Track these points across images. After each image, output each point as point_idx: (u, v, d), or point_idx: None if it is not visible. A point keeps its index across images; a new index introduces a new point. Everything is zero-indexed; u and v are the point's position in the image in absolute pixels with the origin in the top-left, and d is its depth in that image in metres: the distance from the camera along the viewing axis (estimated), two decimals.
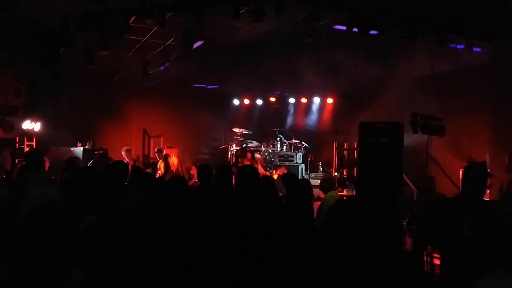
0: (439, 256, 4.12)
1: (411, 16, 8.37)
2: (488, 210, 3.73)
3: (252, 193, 4.61)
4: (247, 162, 9.06)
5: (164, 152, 9.43)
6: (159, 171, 9.52)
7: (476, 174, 3.71)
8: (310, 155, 12.52)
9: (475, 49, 9.61)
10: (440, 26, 8.80)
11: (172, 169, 9.03)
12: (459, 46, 9.49)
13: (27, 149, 9.91)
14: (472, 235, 3.33)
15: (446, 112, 9.34)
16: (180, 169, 9.25)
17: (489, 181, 8.57)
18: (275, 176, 7.83)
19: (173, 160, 9.28)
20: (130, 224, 3.39)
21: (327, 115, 13.99)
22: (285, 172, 9.05)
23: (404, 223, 7.34)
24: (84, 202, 3.60)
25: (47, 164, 7.45)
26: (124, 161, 9.29)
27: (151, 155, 12.94)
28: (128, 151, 10.46)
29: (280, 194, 5.30)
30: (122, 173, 5.31)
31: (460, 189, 3.84)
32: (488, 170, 4.04)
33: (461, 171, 9.87)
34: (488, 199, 7.84)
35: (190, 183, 8.22)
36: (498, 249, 3.29)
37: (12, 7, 8.05)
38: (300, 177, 11.18)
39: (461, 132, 10.16)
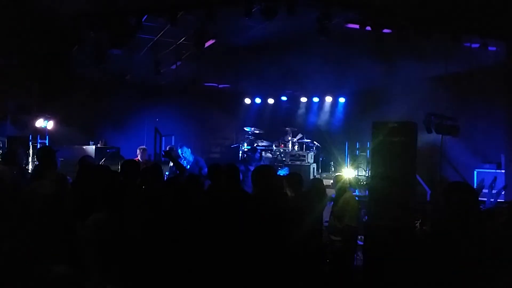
0: None
1: (424, 14, 8.27)
2: None
3: (264, 193, 4.57)
4: None
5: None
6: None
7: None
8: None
9: (490, 48, 9.47)
10: (454, 25, 8.69)
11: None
12: (473, 45, 9.36)
13: (40, 146, 9.99)
14: None
15: (460, 111, 9.21)
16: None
17: (504, 182, 8.47)
18: None
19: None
20: (134, 223, 3.37)
21: (339, 115, 13.90)
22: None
23: (417, 224, 7.26)
24: (94, 200, 3.59)
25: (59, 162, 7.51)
26: (136, 159, 9.31)
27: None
28: (143, 151, 10.51)
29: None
30: (133, 172, 5.29)
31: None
32: None
33: (475, 172, 9.77)
34: (504, 200, 7.74)
35: None
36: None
37: (24, 6, 8.10)
38: (311, 176, 11.12)
39: (476, 132, 10.03)
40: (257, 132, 12.99)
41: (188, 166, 9.05)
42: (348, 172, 10.57)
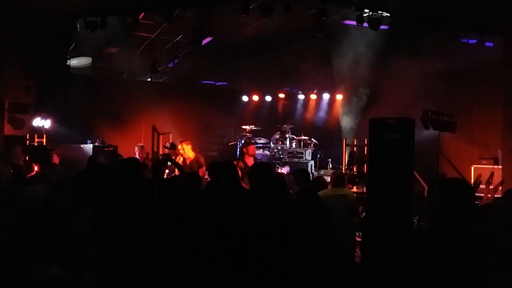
0: None
1: (422, 11, 8.29)
2: None
3: (264, 190, 4.57)
4: (248, 157, 9.08)
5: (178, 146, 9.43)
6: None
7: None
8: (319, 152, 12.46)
9: (487, 44, 9.50)
10: (451, 21, 8.70)
11: (187, 163, 9.00)
12: (470, 41, 9.37)
13: (34, 145, 9.97)
14: None
15: (457, 107, 9.22)
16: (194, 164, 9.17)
17: (501, 177, 8.50)
18: None
19: (189, 154, 9.22)
20: (125, 222, 3.36)
21: (336, 111, 13.91)
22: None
23: (414, 220, 7.28)
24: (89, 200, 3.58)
25: (57, 161, 7.50)
26: (136, 157, 9.31)
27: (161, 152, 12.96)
28: (141, 148, 10.51)
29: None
30: (132, 170, 5.28)
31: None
32: None
33: (473, 168, 9.79)
34: (499, 195, 7.76)
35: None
36: None
37: (22, 5, 8.09)
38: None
39: (473, 128, 10.05)
40: (255, 129, 12.99)
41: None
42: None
